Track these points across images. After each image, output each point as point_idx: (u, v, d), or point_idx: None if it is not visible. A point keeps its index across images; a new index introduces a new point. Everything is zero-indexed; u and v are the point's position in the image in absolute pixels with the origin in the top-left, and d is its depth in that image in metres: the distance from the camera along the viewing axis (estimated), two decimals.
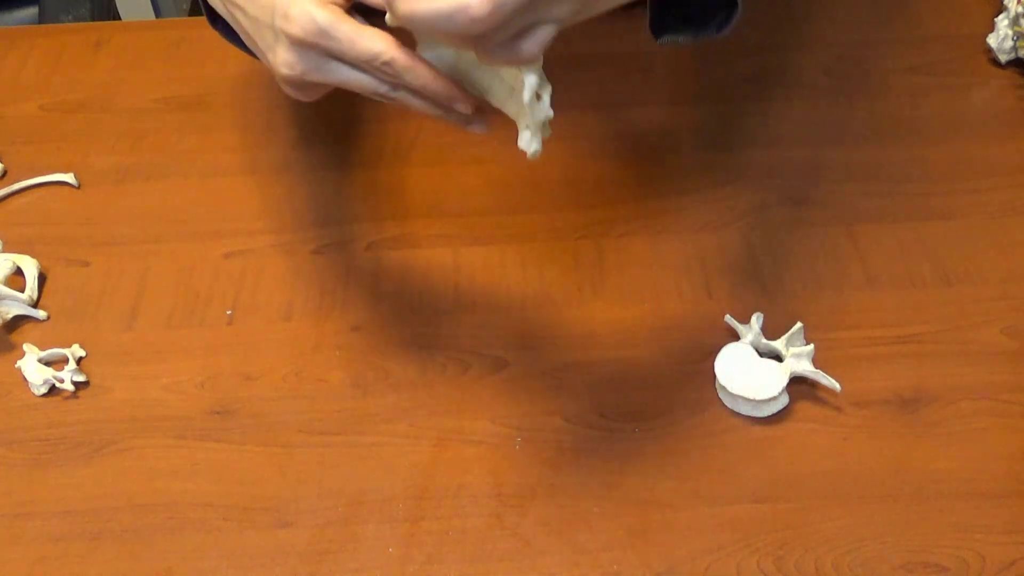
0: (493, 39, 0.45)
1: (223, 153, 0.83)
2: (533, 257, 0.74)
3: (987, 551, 0.58)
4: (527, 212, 0.77)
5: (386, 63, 0.49)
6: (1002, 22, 0.87)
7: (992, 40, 0.88)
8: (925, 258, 0.74)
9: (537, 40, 0.47)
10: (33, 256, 0.74)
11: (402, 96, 0.51)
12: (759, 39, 0.91)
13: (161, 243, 0.76)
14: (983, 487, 0.61)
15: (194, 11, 1.96)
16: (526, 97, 0.50)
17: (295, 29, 0.49)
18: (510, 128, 0.53)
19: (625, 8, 0.56)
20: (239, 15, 0.55)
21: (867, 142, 0.82)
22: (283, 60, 0.51)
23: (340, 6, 0.51)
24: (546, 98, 0.51)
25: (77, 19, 1.49)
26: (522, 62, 0.47)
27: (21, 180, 0.81)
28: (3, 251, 0.75)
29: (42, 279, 0.74)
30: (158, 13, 1.77)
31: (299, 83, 0.52)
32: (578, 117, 0.83)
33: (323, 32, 0.49)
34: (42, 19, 1.53)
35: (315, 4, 0.49)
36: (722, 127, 0.84)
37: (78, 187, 0.81)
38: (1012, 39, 0.86)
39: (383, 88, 0.51)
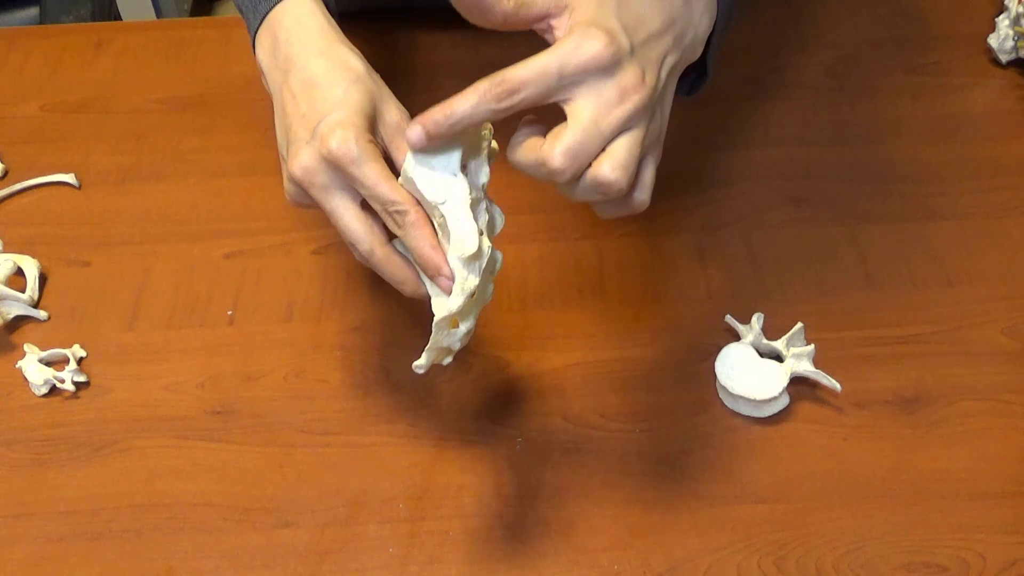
0: (607, 202, 0.50)
1: (223, 153, 0.83)
2: (533, 258, 0.74)
3: (987, 551, 0.58)
4: (527, 213, 0.77)
5: (399, 212, 0.50)
6: (1003, 22, 0.87)
7: (993, 40, 0.88)
8: (925, 258, 0.74)
9: (646, 186, 0.50)
10: (34, 256, 0.74)
11: (376, 262, 0.52)
12: (759, 39, 0.91)
13: (161, 243, 0.76)
14: (983, 487, 0.61)
15: (195, 11, 1.96)
16: (438, 316, 0.50)
17: (333, 144, 0.50)
18: (510, 127, 0.53)
19: None
20: (288, 99, 0.55)
21: (867, 142, 0.82)
22: (302, 162, 0.52)
23: (378, 149, 0.52)
24: (463, 329, 0.51)
25: (78, 20, 1.49)
26: (637, 210, 0.51)
27: (22, 180, 0.81)
28: (4, 251, 0.75)
29: (43, 279, 0.74)
30: (159, 13, 1.78)
31: (302, 188, 0.53)
32: None
33: (355, 161, 0.50)
34: (43, 20, 1.53)
35: (360, 135, 0.51)
36: (722, 127, 0.84)
37: (79, 187, 0.81)
38: (1013, 39, 0.86)
39: (365, 244, 0.52)
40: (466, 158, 0.51)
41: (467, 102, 0.47)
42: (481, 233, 0.50)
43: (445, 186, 0.49)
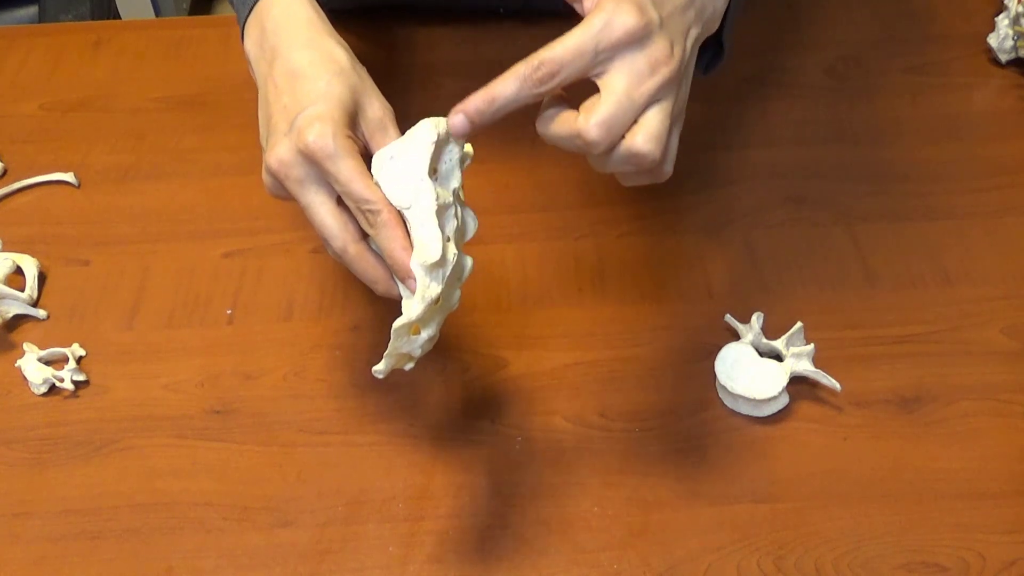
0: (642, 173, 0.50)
1: (223, 153, 0.83)
2: (533, 257, 0.74)
3: (987, 551, 0.58)
4: (527, 212, 0.77)
5: (371, 211, 0.50)
6: (1002, 22, 0.87)
7: (992, 40, 0.88)
8: (925, 258, 0.74)
9: (671, 157, 0.51)
10: (33, 255, 0.74)
11: (349, 259, 0.52)
12: (759, 39, 0.91)
13: (161, 243, 0.76)
14: (983, 487, 0.61)
15: (194, 11, 1.96)
16: (397, 323, 0.49)
17: (310, 138, 0.50)
18: (510, 128, 0.53)
19: None
20: (271, 90, 0.55)
21: (867, 142, 0.82)
22: (279, 155, 0.51)
23: (356, 145, 0.52)
24: (424, 336, 0.51)
25: (77, 18, 1.50)
26: (662, 179, 0.51)
27: (21, 179, 0.81)
28: (3, 250, 0.74)
29: (42, 278, 0.74)
30: (158, 12, 1.77)
31: (278, 180, 0.52)
32: None
33: (331, 157, 0.50)
34: (42, 18, 1.53)
35: (339, 130, 0.51)
36: (722, 127, 0.84)
37: (78, 186, 0.81)
38: (1012, 39, 0.86)
39: (338, 241, 0.52)
40: (436, 162, 0.50)
41: (509, 87, 0.47)
42: (448, 240, 0.49)
43: (411, 191, 0.49)
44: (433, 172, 0.50)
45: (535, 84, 0.47)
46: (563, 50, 0.47)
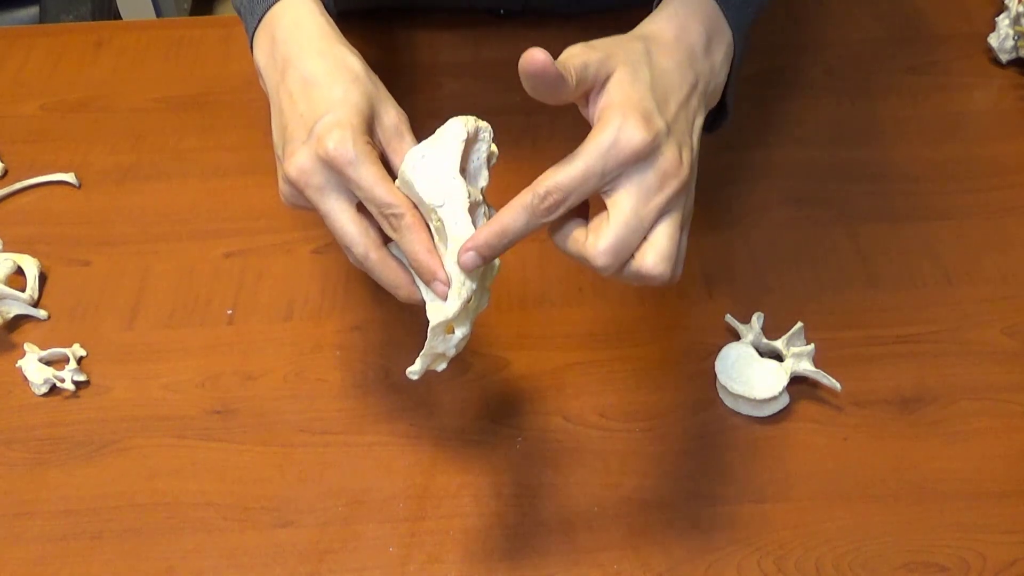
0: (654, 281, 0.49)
1: (223, 153, 0.83)
2: (533, 257, 0.74)
3: (987, 551, 0.58)
4: None
5: (395, 215, 0.50)
6: (1003, 22, 0.87)
7: (993, 40, 0.88)
8: (925, 258, 0.74)
9: (681, 261, 0.50)
10: (34, 255, 0.74)
11: (371, 265, 0.52)
12: (759, 39, 0.91)
13: (161, 243, 0.76)
14: (983, 487, 0.61)
15: (195, 11, 1.96)
16: (433, 322, 0.49)
17: (330, 145, 0.50)
18: (510, 129, 0.53)
19: (624, 7, 0.56)
20: (285, 99, 0.55)
21: (867, 142, 0.82)
22: (299, 163, 0.51)
23: (376, 151, 0.51)
24: (459, 335, 0.51)
25: (78, 19, 1.50)
26: (671, 284, 0.50)
27: (22, 179, 0.81)
28: (4, 250, 0.75)
29: (43, 279, 0.74)
30: (159, 13, 1.78)
31: (297, 190, 0.52)
32: (578, 117, 0.83)
33: (351, 162, 0.50)
34: (43, 19, 1.53)
35: (358, 136, 0.50)
36: (722, 127, 0.84)
37: (79, 187, 0.81)
38: (1013, 39, 0.86)
39: (360, 247, 0.51)
40: (465, 161, 0.51)
41: (518, 220, 0.47)
42: None
43: (444, 188, 0.49)
44: (462, 171, 0.50)
45: (544, 214, 0.47)
46: (570, 178, 0.47)
